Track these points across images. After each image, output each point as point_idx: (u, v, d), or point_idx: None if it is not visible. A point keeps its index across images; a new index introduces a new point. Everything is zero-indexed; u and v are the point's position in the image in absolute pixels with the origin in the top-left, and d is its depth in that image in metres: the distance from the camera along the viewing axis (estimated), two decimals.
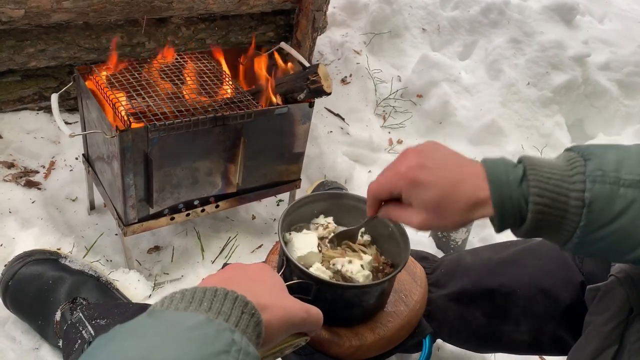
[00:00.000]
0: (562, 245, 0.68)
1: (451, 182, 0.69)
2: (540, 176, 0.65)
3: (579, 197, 0.63)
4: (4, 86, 1.56)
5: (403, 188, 0.72)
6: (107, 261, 1.33)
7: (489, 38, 2.26)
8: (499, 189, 0.66)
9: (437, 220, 0.71)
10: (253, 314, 0.49)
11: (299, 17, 1.87)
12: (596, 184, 0.63)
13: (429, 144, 0.75)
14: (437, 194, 0.69)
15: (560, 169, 0.66)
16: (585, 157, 0.65)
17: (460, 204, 0.68)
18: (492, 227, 1.64)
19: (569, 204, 0.64)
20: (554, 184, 0.65)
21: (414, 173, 0.70)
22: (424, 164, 0.70)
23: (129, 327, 0.43)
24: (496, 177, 0.67)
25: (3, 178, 1.47)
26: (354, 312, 0.90)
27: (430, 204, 0.70)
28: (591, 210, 0.63)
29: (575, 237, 0.65)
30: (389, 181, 0.73)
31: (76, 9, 1.45)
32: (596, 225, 0.63)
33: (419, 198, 0.71)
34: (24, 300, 1.09)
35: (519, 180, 0.66)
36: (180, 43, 1.73)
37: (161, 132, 1.11)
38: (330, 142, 1.81)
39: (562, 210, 0.64)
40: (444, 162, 0.71)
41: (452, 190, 0.68)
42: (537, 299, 0.98)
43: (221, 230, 1.47)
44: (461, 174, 0.69)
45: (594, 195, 0.63)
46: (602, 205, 0.63)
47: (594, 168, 0.64)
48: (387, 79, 2.13)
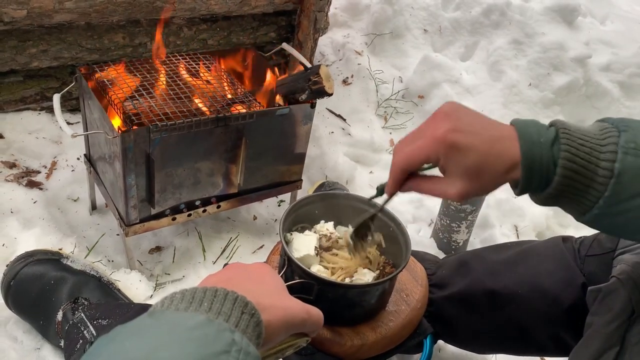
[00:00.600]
0: (581, 214, 0.66)
1: (488, 143, 0.66)
2: (573, 141, 0.64)
3: (608, 167, 0.62)
4: (6, 86, 1.57)
5: (442, 154, 0.67)
6: (109, 261, 1.33)
7: (491, 39, 2.26)
8: (530, 149, 0.64)
9: (475, 187, 0.67)
10: (253, 314, 0.49)
11: (301, 18, 1.87)
12: (628, 156, 0.62)
13: (452, 105, 0.70)
14: (477, 158, 0.65)
15: (594, 136, 0.65)
16: (620, 129, 0.64)
17: (498, 167, 0.66)
18: (494, 228, 1.64)
19: (598, 172, 0.63)
20: (585, 150, 0.63)
21: (453, 137, 0.66)
22: (460, 126, 0.66)
23: (129, 327, 0.43)
24: (528, 137, 0.65)
25: (5, 178, 1.47)
26: (355, 312, 0.90)
27: (471, 170, 0.66)
28: (619, 181, 0.62)
29: (596, 207, 0.64)
30: (424, 148, 0.68)
31: (78, 9, 1.46)
32: (620, 198, 0.62)
33: (460, 164, 0.66)
34: (25, 300, 1.10)
35: (550, 142, 0.65)
36: (182, 44, 1.74)
37: (163, 133, 1.11)
38: (331, 143, 1.82)
39: (589, 178, 0.63)
40: (477, 124, 0.68)
41: (489, 153, 0.65)
42: (539, 300, 0.98)
43: (222, 231, 1.47)
44: (495, 136, 0.66)
45: (624, 167, 0.62)
46: (630, 177, 0.62)
47: (628, 140, 0.63)
48: (389, 80, 2.13)
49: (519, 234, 1.67)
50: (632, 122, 0.65)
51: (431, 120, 0.70)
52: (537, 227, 1.70)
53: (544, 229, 1.71)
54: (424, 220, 1.67)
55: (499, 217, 1.69)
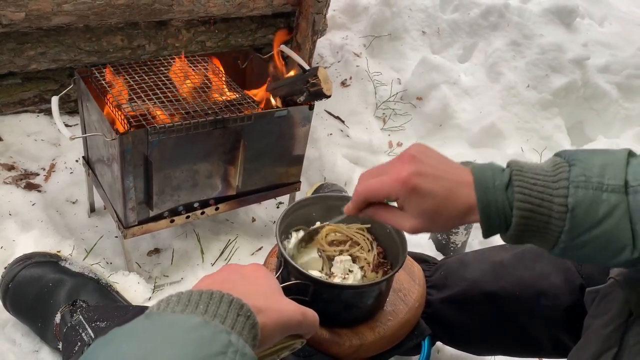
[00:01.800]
0: (550, 249, 0.69)
1: (447, 190, 0.69)
2: (526, 182, 0.66)
3: (562, 202, 0.64)
4: (5, 89, 1.57)
5: (402, 195, 0.71)
6: (107, 263, 1.33)
7: (489, 41, 2.26)
8: (485, 195, 0.67)
9: (429, 225, 0.72)
10: (249, 317, 0.49)
11: (299, 20, 1.87)
12: (579, 190, 0.64)
13: (420, 148, 0.75)
14: (434, 203, 0.69)
15: (546, 174, 0.67)
16: (570, 163, 0.67)
17: (453, 212, 0.69)
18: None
19: (553, 209, 0.65)
20: (538, 189, 0.66)
21: (415, 181, 0.70)
22: (423, 171, 0.70)
23: (126, 329, 0.43)
24: (483, 183, 0.68)
25: (3, 180, 1.47)
26: (352, 313, 0.90)
27: (427, 212, 0.71)
28: (574, 215, 0.64)
29: (560, 241, 0.66)
30: (387, 186, 0.72)
31: (77, 11, 1.46)
32: (580, 230, 0.64)
33: (417, 206, 0.71)
34: (23, 303, 1.09)
35: (504, 186, 0.67)
36: (181, 46, 1.74)
37: (161, 135, 1.11)
38: (330, 145, 1.82)
39: (546, 215, 0.65)
40: (440, 169, 0.71)
41: (447, 199, 0.69)
42: (537, 301, 0.98)
43: (221, 233, 1.47)
44: (455, 182, 0.70)
45: (577, 201, 0.64)
46: (585, 210, 0.64)
47: (578, 174, 0.65)
48: (387, 82, 2.13)
49: None
50: (582, 154, 0.68)
51: (398, 159, 0.74)
52: None
53: None
54: None
55: None
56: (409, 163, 0.71)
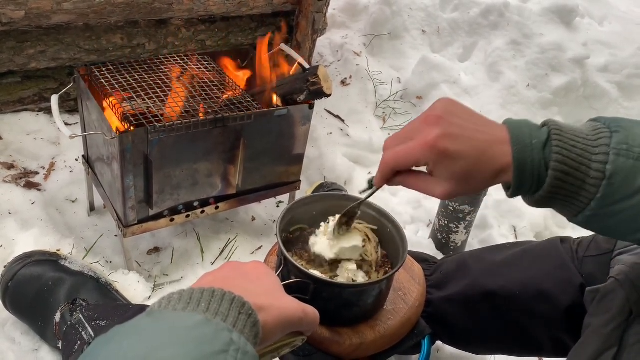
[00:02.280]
0: (573, 216, 0.66)
1: (479, 150, 0.66)
2: (565, 142, 0.64)
3: (600, 168, 0.62)
4: (4, 87, 1.56)
5: (431, 160, 0.67)
6: (107, 262, 1.33)
7: (489, 40, 2.26)
8: (521, 152, 0.64)
9: (462, 189, 0.69)
10: (250, 315, 0.49)
11: (299, 19, 1.87)
12: (620, 157, 0.62)
13: (446, 105, 0.70)
14: (467, 164, 0.66)
15: (586, 137, 0.64)
16: (612, 129, 0.64)
17: (487, 172, 0.66)
18: (493, 229, 1.64)
19: (589, 174, 0.62)
20: (577, 152, 0.63)
21: (443, 144, 0.66)
22: (451, 132, 0.66)
23: (127, 327, 0.43)
24: (520, 139, 0.65)
25: (3, 179, 1.47)
26: (352, 312, 0.90)
27: (459, 175, 0.67)
28: (611, 183, 0.61)
29: (588, 209, 0.64)
30: (414, 152, 0.68)
31: (76, 10, 1.45)
32: (612, 200, 0.62)
33: (448, 170, 0.67)
34: (23, 302, 1.09)
35: (542, 144, 0.64)
36: (181, 44, 1.74)
37: (161, 134, 1.11)
38: (330, 144, 1.82)
39: (581, 180, 0.63)
40: (469, 128, 0.67)
41: (480, 159, 0.66)
42: (537, 300, 0.98)
43: (221, 232, 1.47)
44: (487, 140, 0.66)
45: (615, 168, 0.61)
46: (622, 179, 0.61)
47: (620, 141, 0.62)
48: (387, 81, 2.13)
49: (517, 234, 1.67)
50: (625, 122, 0.65)
51: (424, 121, 0.70)
52: (535, 228, 1.70)
53: (542, 230, 1.71)
54: (423, 221, 1.67)
55: (498, 218, 1.69)
56: (435, 125, 0.67)
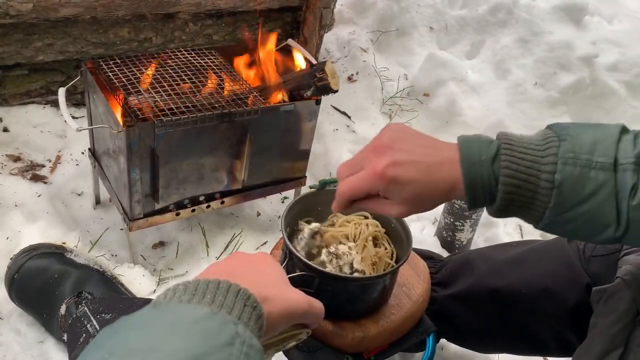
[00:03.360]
0: (535, 224, 0.68)
1: (426, 173, 0.68)
2: (513, 156, 0.65)
3: (549, 178, 0.63)
4: (12, 80, 1.57)
5: (381, 188, 0.70)
6: (112, 256, 1.34)
7: (497, 37, 2.25)
8: (470, 170, 0.66)
9: (416, 209, 0.72)
10: (255, 307, 0.49)
11: (306, 14, 1.86)
12: (567, 166, 0.63)
13: (394, 132, 0.73)
14: (415, 188, 0.69)
15: (535, 148, 0.65)
16: (561, 137, 0.65)
17: (437, 192, 0.69)
18: (498, 227, 1.63)
19: (539, 184, 0.64)
20: (526, 164, 0.64)
21: (391, 172, 0.69)
22: (398, 159, 0.69)
23: (133, 318, 0.43)
24: (469, 157, 0.66)
25: (9, 172, 1.47)
26: (356, 306, 0.90)
27: (409, 199, 0.70)
28: (560, 191, 0.63)
29: (545, 217, 0.65)
30: (366, 183, 0.71)
31: (84, 3, 1.46)
32: (566, 207, 0.63)
33: (399, 195, 0.70)
34: (29, 294, 1.10)
35: (491, 159, 0.66)
36: (188, 39, 1.74)
37: (168, 128, 1.11)
38: (336, 140, 1.81)
39: (532, 191, 0.64)
40: (416, 153, 0.70)
41: (428, 181, 0.68)
42: (543, 299, 0.98)
43: (226, 227, 1.47)
44: (434, 162, 0.69)
45: (564, 177, 0.63)
46: (571, 187, 0.63)
47: (567, 149, 0.64)
48: (394, 78, 2.12)
49: (523, 233, 1.67)
50: (574, 129, 0.66)
51: (372, 150, 0.72)
52: None
53: None
54: (428, 219, 1.67)
55: None
56: (382, 154, 0.70)
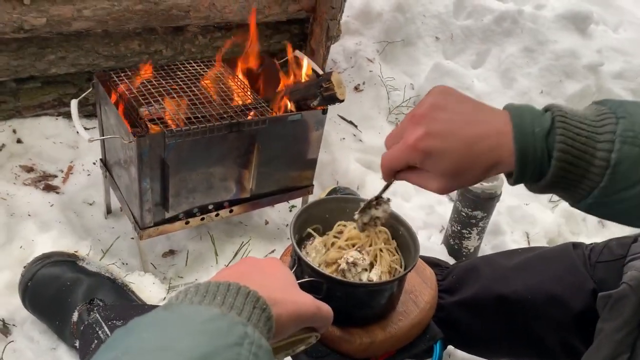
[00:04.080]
0: (575, 202, 0.65)
1: (467, 143, 0.64)
2: (569, 130, 0.61)
3: (605, 157, 0.60)
4: (25, 92, 1.60)
5: (417, 160, 0.67)
6: (123, 264, 1.36)
7: (502, 47, 2.26)
8: (523, 142, 0.62)
9: (456, 183, 0.68)
10: (264, 309, 0.50)
11: (313, 26, 1.89)
12: (625, 145, 0.59)
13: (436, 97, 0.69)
14: (453, 160, 0.65)
15: (591, 123, 0.62)
16: (618, 115, 0.61)
17: (479, 165, 0.65)
18: (505, 235, 1.63)
19: (594, 162, 0.61)
20: (582, 140, 0.61)
21: (424, 144, 0.65)
22: (433, 130, 0.65)
23: (146, 319, 0.45)
24: (522, 128, 0.63)
25: (23, 182, 1.50)
26: (364, 312, 0.91)
27: (448, 171, 0.66)
28: (615, 171, 0.60)
29: (591, 197, 0.62)
30: (402, 155, 0.69)
31: (96, 17, 1.49)
32: (616, 188, 0.61)
33: (436, 168, 0.67)
34: (42, 301, 1.12)
35: (545, 132, 0.62)
36: (197, 51, 1.77)
37: (177, 138, 1.14)
38: (342, 149, 1.83)
39: (584, 169, 0.61)
40: (457, 121, 0.66)
41: (469, 153, 0.65)
42: (548, 305, 0.98)
43: (235, 235, 1.49)
44: (479, 132, 0.65)
45: (621, 157, 0.60)
46: (627, 167, 0.60)
47: (626, 128, 0.60)
48: (400, 87, 2.14)
49: (530, 240, 1.67)
50: (631, 107, 0.63)
51: (410, 119, 0.69)
52: (548, 234, 1.70)
53: (555, 236, 1.71)
54: (435, 227, 1.68)
55: (510, 224, 1.69)
56: (418, 124, 0.67)
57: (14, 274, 1.19)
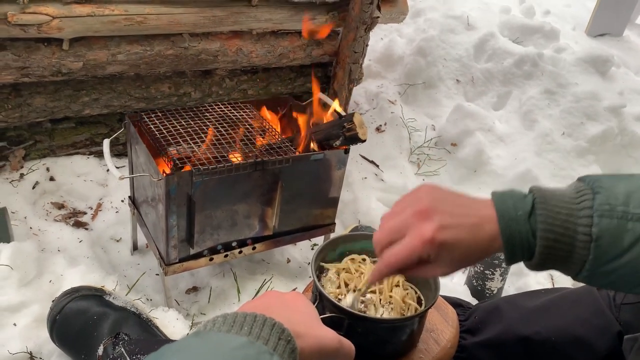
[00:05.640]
0: (574, 276, 0.68)
1: (471, 233, 0.69)
2: (549, 211, 0.66)
3: (586, 231, 0.64)
4: (60, 132, 1.67)
5: (432, 253, 0.70)
6: (148, 300, 1.38)
7: (523, 89, 2.29)
8: (508, 226, 0.67)
9: (461, 267, 0.73)
10: (289, 341, 0.51)
11: (336, 70, 1.94)
12: (603, 219, 0.63)
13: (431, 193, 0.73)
14: (464, 249, 0.69)
15: (569, 202, 0.66)
16: (595, 190, 0.66)
17: (481, 250, 0.70)
18: (529, 276, 1.62)
19: (577, 238, 0.65)
20: (562, 218, 0.65)
21: (441, 237, 0.69)
22: (444, 223, 0.69)
23: (177, 345, 0.47)
24: (505, 213, 0.68)
25: (54, 218, 1.55)
26: (385, 348, 0.91)
27: (458, 259, 0.71)
28: (599, 244, 0.63)
29: (584, 270, 0.65)
30: (416, 250, 0.70)
31: (129, 61, 1.56)
32: (605, 259, 0.64)
33: (448, 257, 0.70)
34: (69, 335, 1.14)
35: (527, 215, 0.67)
36: (224, 93, 1.83)
37: (204, 176, 1.17)
38: (364, 188, 1.85)
39: (569, 245, 0.65)
40: (458, 213, 0.70)
41: (473, 241, 0.69)
42: (573, 348, 0.97)
43: (257, 273, 1.50)
44: (476, 223, 0.69)
45: (601, 230, 0.63)
46: (609, 239, 0.63)
47: (602, 202, 0.64)
48: (422, 128, 2.17)
49: (554, 282, 1.65)
50: (606, 181, 0.67)
51: (414, 215, 0.71)
52: None
53: None
54: None
55: None
56: (427, 218, 0.70)
57: (43, 308, 1.22)
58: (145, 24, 1.51)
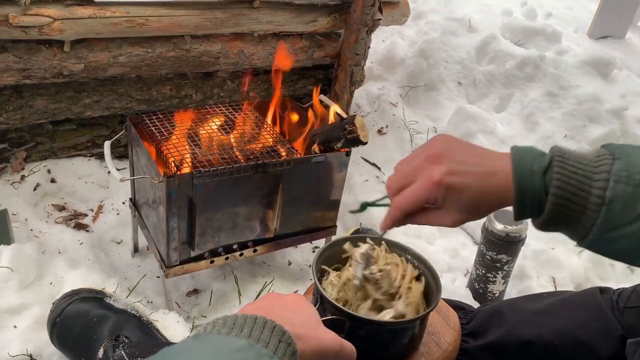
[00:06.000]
0: (579, 240, 0.67)
1: (482, 181, 0.69)
2: (565, 169, 0.65)
3: (600, 194, 0.63)
4: (61, 134, 1.67)
5: (440, 196, 0.71)
6: (148, 302, 1.37)
7: (525, 91, 2.28)
8: (521, 179, 0.66)
9: (471, 217, 0.72)
10: (289, 344, 0.51)
11: (338, 72, 1.94)
12: (619, 184, 0.62)
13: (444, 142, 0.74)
14: (472, 196, 0.69)
15: (588, 164, 0.65)
16: (615, 156, 0.65)
17: (491, 200, 0.69)
18: (531, 279, 1.61)
19: (589, 200, 0.64)
20: (578, 179, 0.64)
21: (449, 180, 0.69)
22: (454, 169, 0.70)
23: (176, 348, 0.46)
24: (521, 167, 0.67)
25: (55, 220, 1.55)
26: (387, 351, 0.90)
27: (467, 206, 0.71)
28: (610, 209, 0.62)
29: (591, 234, 0.64)
30: (424, 192, 0.71)
31: (130, 63, 1.56)
32: (614, 225, 0.63)
33: (456, 203, 0.71)
34: (69, 337, 1.14)
35: (543, 171, 0.66)
36: (225, 95, 1.83)
37: (205, 178, 1.17)
38: (366, 190, 1.85)
39: (581, 205, 0.64)
40: (470, 162, 0.71)
41: (483, 189, 0.69)
42: (575, 351, 0.96)
43: (258, 275, 1.50)
44: (489, 171, 0.69)
45: (615, 195, 0.62)
46: (621, 206, 0.62)
47: (621, 168, 0.63)
48: (423, 130, 2.17)
49: (556, 285, 1.64)
50: (629, 149, 0.66)
51: (425, 160, 0.73)
52: (575, 279, 1.67)
53: (582, 281, 1.67)
54: (460, 270, 1.66)
55: (536, 268, 1.67)
56: (437, 163, 0.71)
57: (43, 310, 1.22)
58: (146, 25, 1.51)
